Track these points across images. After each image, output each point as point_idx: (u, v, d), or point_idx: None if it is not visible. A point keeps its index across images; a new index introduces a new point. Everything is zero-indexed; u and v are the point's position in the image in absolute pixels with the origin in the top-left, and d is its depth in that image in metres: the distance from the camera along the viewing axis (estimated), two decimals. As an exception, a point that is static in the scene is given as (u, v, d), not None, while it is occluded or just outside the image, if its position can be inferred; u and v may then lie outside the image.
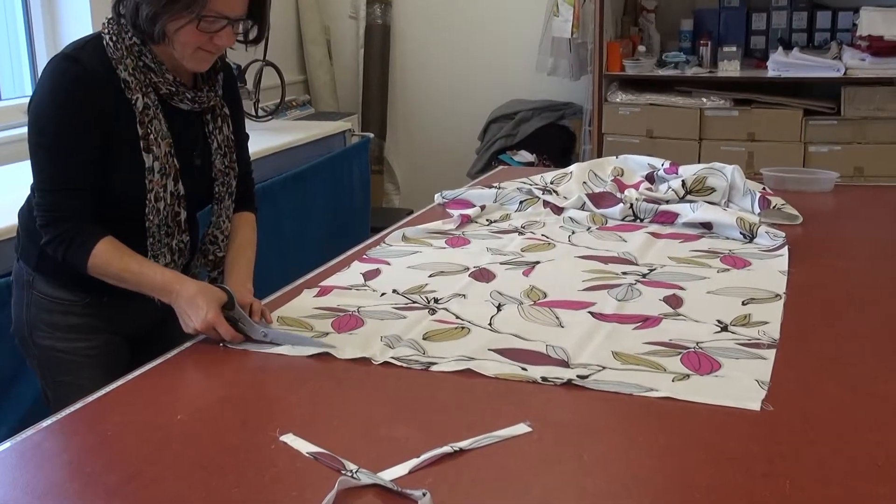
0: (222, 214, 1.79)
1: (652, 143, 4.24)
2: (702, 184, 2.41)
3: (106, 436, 1.28)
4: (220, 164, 1.75)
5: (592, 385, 1.38)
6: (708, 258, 2.05)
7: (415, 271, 2.00)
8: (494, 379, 1.42)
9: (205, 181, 1.75)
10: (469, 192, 2.61)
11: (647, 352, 1.52)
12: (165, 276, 1.60)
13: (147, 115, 1.62)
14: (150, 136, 1.61)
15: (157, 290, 1.61)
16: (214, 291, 1.59)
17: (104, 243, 1.60)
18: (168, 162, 1.64)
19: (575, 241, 2.22)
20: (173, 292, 1.59)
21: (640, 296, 1.80)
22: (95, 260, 1.59)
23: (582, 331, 1.62)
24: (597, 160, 2.88)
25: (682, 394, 1.35)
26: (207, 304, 1.56)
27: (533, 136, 4.67)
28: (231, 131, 1.77)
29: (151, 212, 1.64)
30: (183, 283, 1.60)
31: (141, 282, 1.61)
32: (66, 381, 1.71)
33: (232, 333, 1.57)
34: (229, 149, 1.77)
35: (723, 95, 4.22)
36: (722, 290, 1.83)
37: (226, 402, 1.38)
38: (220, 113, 1.75)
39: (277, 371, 1.49)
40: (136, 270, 1.60)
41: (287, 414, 1.34)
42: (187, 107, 1.68)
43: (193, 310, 1.56)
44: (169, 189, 1.65)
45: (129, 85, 1.60)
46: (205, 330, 1.57)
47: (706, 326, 1.63)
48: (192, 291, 1.58)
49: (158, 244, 1.68)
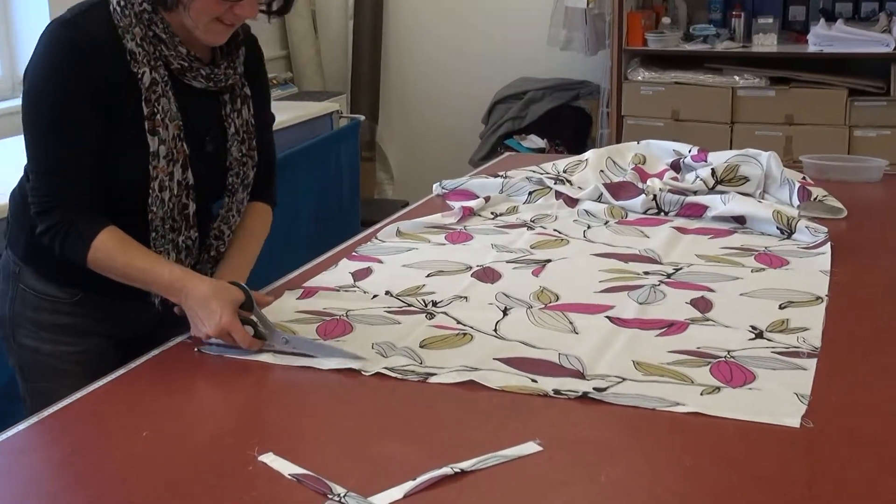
0: (233, 208, 1.77)
1: (678, 127, 4.24)
2: (734, 172, 2.41)
3: (65, 454, 1.28)
4: (236, 152, 1.73)
5: (611, 399, 1.38)
6: (740, 256, 2.05)
7: (410, 271, 2.00)
8: (500, 392, 1.42)
9: (218, 170, 1.72)
10: (471, 182, 2.61)
11: (672, 361, 1.52)
12: (174, 273, 1.58)
13: (154, 92, 1.59)
14: (157, 117, 1.60)
15: (163, 288, 1.59)
16: (230, 291, 1.58)
17: (107, 234, 1.58)
18: (176, 146, 1.62)
19: (591, 236, 2.22)
20: (183, 291, 1.57)
21: (665, 298, 1.80)
22: (97, 253, 1.57)
23: (599, 338, 1.62)
24: (615, 146, 2.87)
25: (712, 409, 1.35)
26: (222, 306, 1.54)
27: (543, 119, 4.67)
28: (251, 114, 1.75)
29: (155, 202, 1.62)
30: (194, 281, 1.58)
31: (147, 279, 1.59)
32: (44, 388, 1.70)
33: (249, 340, 1.55)
34: (248, 134, 1.75)
35: (757, 73, 4.23)
36: (756, 292, 1.83)
37: (197, 416, 1.38)
38: (239, 93, 1.73)
39: (255, 382, 1.49)
40: (141, 266, 1.58)
41: (266, 430, 1.33)
42: (201, 85, 1.66)
43: (206, 312, 1.54)
44: (176, 177, 1.63)
45: (135, 57, 1.58)
46: (219, 335, 1.54)
47: (739, 333, 1.63)
48: (204, 291, 1.56)
49: (162, 240, 1.66)
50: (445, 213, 2.38)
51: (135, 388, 1.49)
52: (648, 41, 4.36)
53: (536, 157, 3.40)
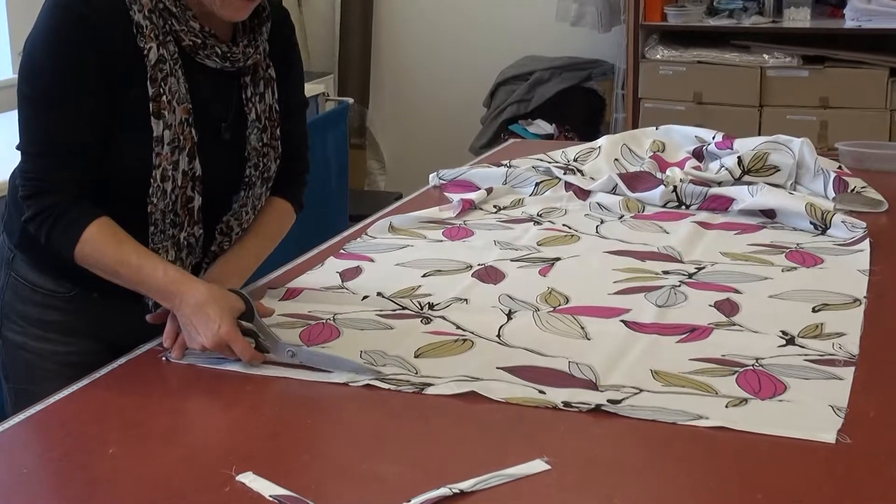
0: (248, 203, 1.75)
1: (700, 111, 4.24)
2: (762, 161, 2.41)
3: (19, 475, 1.27)
4: (255, 141, 1.71)
5: (626, 412, 1.38)
6: (770, 254, 2.05)
7: (404, 270, 1.99)
8: (504, 404, 1.42)
9: (236, 160, 1.71)
10: (472, 172, 2.61)
11: (694, 370, 1.52)
12: (169, 275, 1.56)
13: (161, 71, 1.58)
14: (163, 98, 1.58)
15: (156, 290, 1.57)
16: (228, 298, 1.56)
17: (98, 225, 1.57)
18: (183, 132, 1.61)
19: (604, 232, 2.22)
20: (177, 295, 1.55)
21: (686, 301, 1.80)
22: (86, 247, 1.56)
23: (613, 344, 1.61)
24: (631, 132, 2.87)
25: (738, 423, 1.34)
26: (220, 315, 1.52)
27: (552, 102, 4.67)
28: (275, 99, 1.74)
29: (156, 193, 1.61)
30: (190, 285, 1.56)
31: (138, 278, 1.57)
32: (29, 391, 1.69)
33: (251, 352, 1.53)
34: (270, 122, 1.73)
35: (789, 51, 4.22)
36: (787, 293, 1.83)
37: (168, 431, 1.37)
38: (263, 75, 1.71)
39: (232, 393, 1.49)
40: (133, 263, 1.57)
41: (245, 447, 1.33)
42: (216, 65, 1.64)
43: (202, 320, 1.52)
44: (181, 167, 1.62)
45: (142, 31, 1.57)
46: (216, 347, 1.52)
47: (768, 339, 1.63)
48: (200, 297, 1.54)
49: (161, 235, 1.64)
50: (443, 206, 2.38)
51: (100, 399, 1.49)
52: (668, 16, 4.36)
53: (544, 145, 3.40)
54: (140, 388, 1.51)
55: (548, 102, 4.67)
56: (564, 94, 4.68)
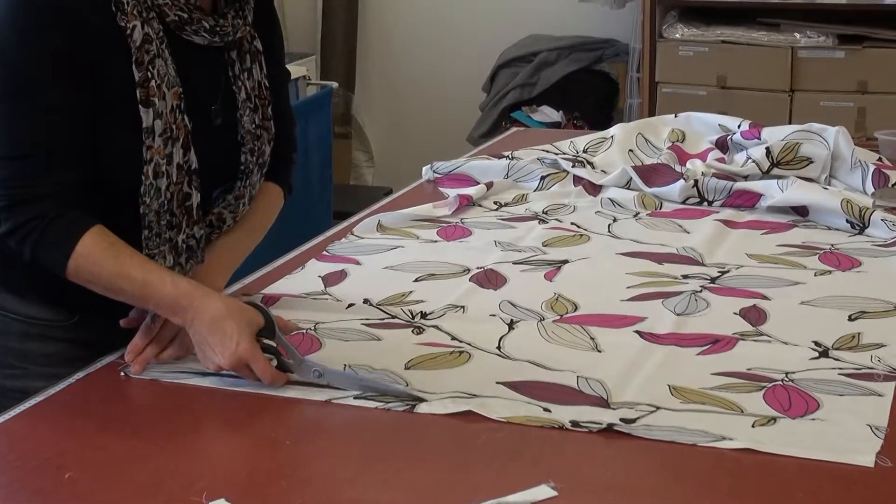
0: (245, 193, 1.74)
1: (725, 97, 4.24)
2: (793, 152, 2.42)
3: (-34, 502, 1.28)
4: (248, 123, 1.71)
5: (641, 432, 1.39)
6: (801, 256, 2.06)
7: (394, 274, 2.00)
8: (505, 423, 1.42)
9: (227, 148, 1.70)
10: (470, 165, 2.61)
11: (716, 386, 1.52)
12: (179, 288, 1.54)
13: (148, 52, 1.56)
14: (152, 83, 1.57)
15: (165, 305, 1.54)
16: (247, 311, 1.54)
17: (93, 236, 1.54)
18: (175, 120, 1.59)
19: (617, 231, 2.22)
20: (189, 311, 1.52)
21: (708, 308, 1.80)
22: (80, 261, 1.53)
23: (627, 357, 1.62)
24: (648, 120, 2.87)
25: (766, 444, 1.35)
26: (238, 331, 1.50)
27: (559, 87, 4.67)
28: (263, 75, 1.73)
29: (148, 192, 1.59)
30: (204, 298, 1.54)
31: (143, 293, 1.54)
32: None
33: (272, 373, 1.51)
34: (261, 100, 1.73)
35: (823, 29, 4.23)
36: (821, 299, 1.84)
37: (132, 454, 1.37)
38: (249, 48, 1.71)
39: (202, 411, 1.49)
40: (137, 277, 1.53)
41: (216, 471, 1.34)
42: (203, 40, 1.63)
43: (218, 338, 1.50)
44: (175, 160, 1.60)
45: (122, 7, 1.55)
46: (234, 367, 1.50)
47: (799, 351, 1.63)
48: (216, 311, 1.52)
49: (156, 239, 1.62)
50: (438, 202, 2.39)
51: (55, 418, 1.49)
52: (688, -10, 4.37)
53: (550, 134, 3.40)
54: (100, 406, 1.51)
55: (554, 87, 4.67)
56: (573, 77, 4.68)
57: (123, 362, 1.60)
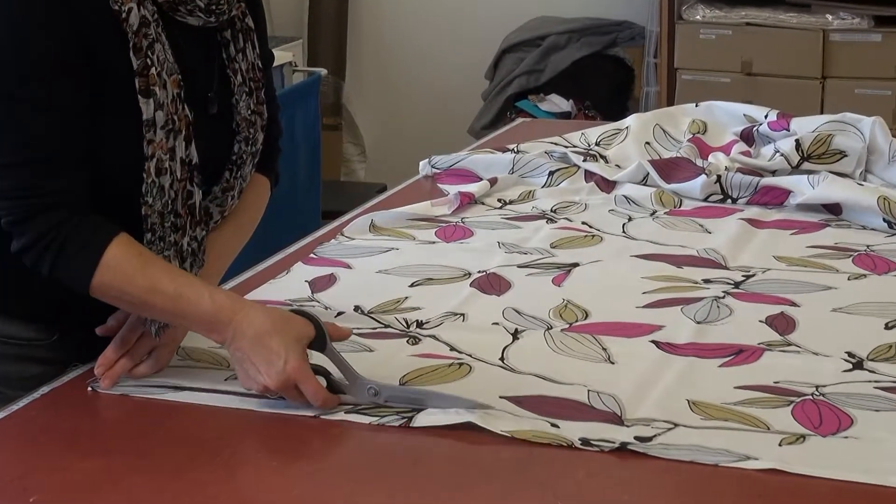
0: (236, 185, 1.72)
1: (750, 84, 4.24)
2: (826, 145, 2.42)
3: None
4: (244, 108, 1.70)
5: (658, 451, 1.39)
6: (834, 258, 2.06)
7: (388, 279, 2.00)
8: (509, 440, 1.42)
9: (221, 138, 1.68)
10: (472, 159, 2.61)
11: (740, 400, 1.52)
12: (218, 302, 1.51)
13: (146, 37, 1.54)
14: (152, 71, 1.55)
15: (200, 322, 1.52)
16: (294, 323, 1.51)
17: (119, 245, 1.52)
18: (177, 111, 1.57)
19: (632, 231, 2.23)
20: (229, 327, 1.49)
21: (731, 315, 1.81)
22: (106, 274, 1.50)
23: (642, 369, 1.62)
24: (666, 109, 2.88)
25: (795, 464, 1.35)
26: (286, 346, 1.47)
27: (569, 73, 4.67)
28: (256, 55, 1.72)
29: (150, 191, 1.57)
30: (246, 311, 1.51)
31: (177, 309, 1.52)
32: None
33: (324, 395, 1.48)
34: (255, 82, 1.71)
35: (858, 10, 4.22)
36: (855, 306, 1.84)
37: (101, 475, 1.37)
38: (241, 27, 1.69)
39: (178, 427, 1.49)
40: (169, 291, 1.50)
41: (195, 495, 1.33)
42: (198, 21, 1.61)
43: (263, 356, 1.47)
44: (178, 154, 1.58)
45: None
46: (282, 388, 1.47)
47: (831, 362, 1.63)
48: (259, 326, 1.49)
49: (160, 244, 1.59)
50: (436, 200, 2.39)
51: (19, 436, 1.49)
52: (710, -32, 4.38)
53: (559, 125, 3.40)
54: (67, 424, 1.51)
55: (563, 74, 4.67)
56: (584, 63, 4.68)
57: (92, 376, 1.60)
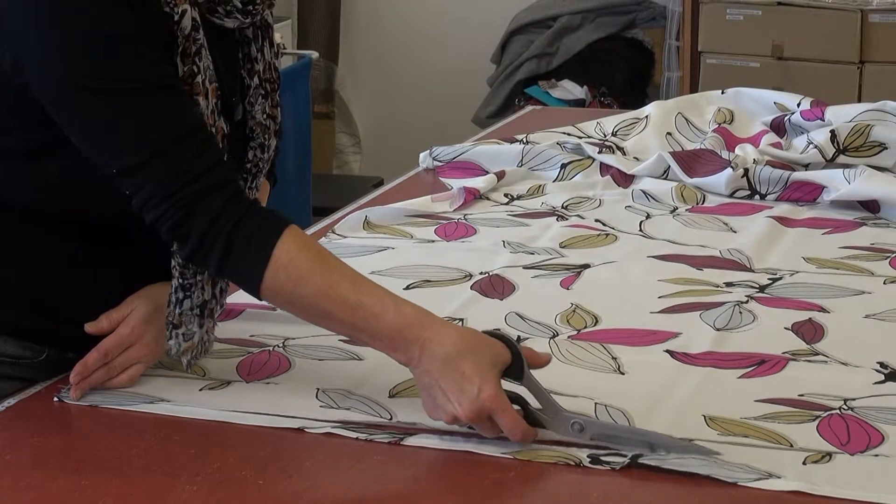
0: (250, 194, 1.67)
1: (781, 69, 4.25)
2: (864, 136, 2.42)
3: None
4: (259, 112, 1.69)
5: (674, 466, 1.39)
6: (870, 260, 2.06)
7: (382, 280, 1.98)
8: (510, 459, 1.42)
9: (236, 145, 1.65)
10: (477, 151, 2.62)
11: (762, 415, 1.52)
12: (405, 315, 1.47)
13: (195, 42, 1.54)
14: (197, 79, 1.54)
15: (382, 338, 1.47)
16: (490, 346, 1.45)
17: (295, 240, 1.48)
18: (215, 122, 1.56)
19: (650, 230, 2.23)
20: (416, 345, 1.44)
21: (754, 322, 1.81)
22: (280, 274, 1.46)
23: (655, 381, 1.62)
24: (689, 97, 2.88)
25: (821, 484, 1.35)
26: (480, 372, 1.42)
27: (583, 57, 4.68)
28: (273, 52, 1.71)
29: None
30: (436, 329, 1.46)
31: (357, 321, 1.47)
32: None
33: (523, 428, 1.43)
34: (271, 83, 1.70)
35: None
36: (890, 312, 1.84)
37: (74, 494, 1.38)
38: (260, 24, 1.68)
39: (157, 444, 1.48)
40: (350, 299, 1.46)
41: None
42: (234, 23, 1.61)
43: (454, 382, 1.42)
44: None
45: None
46: (474, 419, 1.42)
47: (861, 373, 1.64)
48: (450, 346, 1.44)
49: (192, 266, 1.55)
50: (437, 195, 2.39)
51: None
52: (738, -58, 4.38)
53: (572, 113, 3.41)
54: (36, 439, 1.52)
55: (577, 57, 4.68)
56: (599, 46, 4.69)
57: (62, 386, 1.60)
